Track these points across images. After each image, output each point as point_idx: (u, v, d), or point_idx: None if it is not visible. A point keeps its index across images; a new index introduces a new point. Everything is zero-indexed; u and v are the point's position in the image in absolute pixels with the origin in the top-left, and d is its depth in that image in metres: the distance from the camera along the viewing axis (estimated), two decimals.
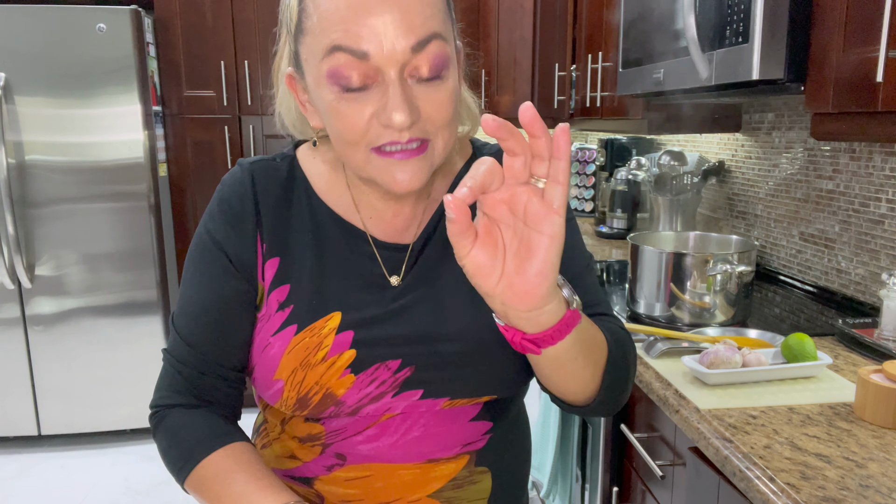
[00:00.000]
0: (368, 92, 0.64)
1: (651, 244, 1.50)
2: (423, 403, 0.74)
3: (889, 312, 1.23)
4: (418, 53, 0.63)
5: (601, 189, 2.70)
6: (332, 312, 0.73)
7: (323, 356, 0.71)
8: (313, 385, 0.72)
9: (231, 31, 2.95)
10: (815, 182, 1.69)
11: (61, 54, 2.60)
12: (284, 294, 0.74)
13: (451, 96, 0.67)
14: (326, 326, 0.72)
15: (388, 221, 0.78)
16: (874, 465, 0.86)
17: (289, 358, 0.72)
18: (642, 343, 1.31)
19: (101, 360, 2.82)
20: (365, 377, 0.72)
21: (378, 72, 0.63)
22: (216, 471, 0.72)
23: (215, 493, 0.71)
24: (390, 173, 0.67)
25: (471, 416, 0.77)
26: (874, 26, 1.01)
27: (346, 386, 0.72)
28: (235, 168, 0.79)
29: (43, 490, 2.56)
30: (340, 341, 0.72)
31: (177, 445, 0.75)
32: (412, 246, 0.77)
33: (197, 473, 0.73)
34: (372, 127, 0.65)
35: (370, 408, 0.73)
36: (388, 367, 0.72)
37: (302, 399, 0.72)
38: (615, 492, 1.40)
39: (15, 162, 2.63)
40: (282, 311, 0.74)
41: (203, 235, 0.77)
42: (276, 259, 0.75)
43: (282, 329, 0.73)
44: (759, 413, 1.02)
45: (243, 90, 2.98)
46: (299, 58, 0.70)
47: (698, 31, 1.34)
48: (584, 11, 2.43)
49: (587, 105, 2.37)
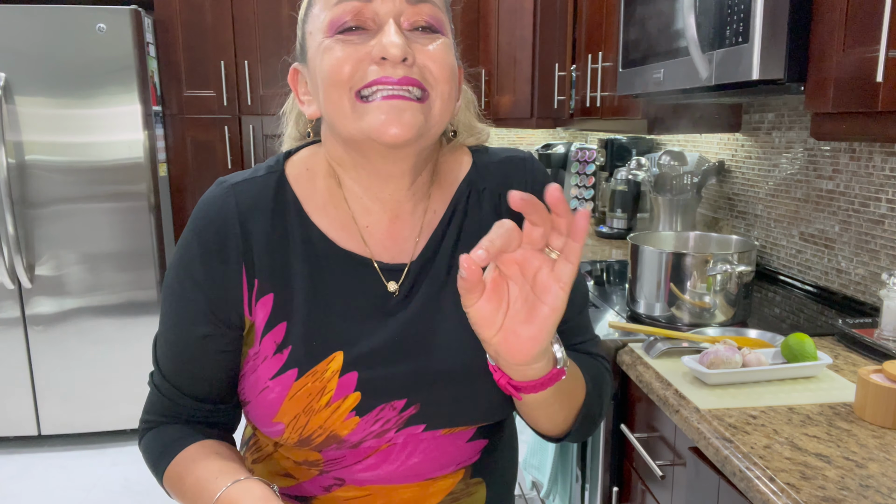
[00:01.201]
0: (363, 35, 0.66)
1: (651, 244, 1.50)
2: (424, 435, 0.74)
3: (889, 312, 1.23)
4: (413, 6, 0.66)
5: (601, 189, 2.70)
6: (334, 353, 0.69)
7: (327, 401, 0.68)
8: (317, 428, 0.69)
9: (231, 31, 2.95)
10: (815, 182, 1.69)
11: (61, 54, 2.60)
12: (281, 335, 0.69)
13: (447, 52, 0.67)
14: (329, 369, 0.68)
15: (385, 229, 0.74)
16: (874, 465, 0.86)
17: (290, 403, 0.68)
18: (642, 343, 1.31)
19: (101, 360, 2.82)
20: (370, 418, 0.70)
21: (375, 16, 0.65)
22: (185, 462, 0.71)
23: (184, 482, 0.70)
24: (377, 119, 0.63)
25: (468, 438, 0.77)
26: (874, 26, 1.01)
27: (350, 427, 0.69)
28: (215, 189, 0.71)
29: (43, 490, 2.56)
30: (345, 384, 0.68)
31: (156, 451, 0.74)
32: (409, 266, 0.73)
33: (170, 470, 0.72)
34: (362, 67, 0.65)
35: (371, 442, 0.72)
36: (393, 407, 0.70)
37: (304, 440, 0.70)
38: (615, 492, 1.40)
39: (15, 162, 2.63)
40: (280, 354, 0.69)
41: (179, 271, 0.71)
42: (270, 295, 0.69)
43: (281, 373, 0.69)
44: (759, 413, 1.02)
45: (243, 90, 2.98)
46: (305, 42, 0.71)
47: (698, 31, 1.34)
48: (584, 11, 2.43)
49: (587, 105, 2.37)
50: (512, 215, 0.75)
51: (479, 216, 0.76)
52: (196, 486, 0.68)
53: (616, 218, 2.51)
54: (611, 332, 1.38)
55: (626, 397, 1.37)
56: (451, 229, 0.75)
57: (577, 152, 3.05)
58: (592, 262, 2.13)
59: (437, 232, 0.75)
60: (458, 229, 0.75)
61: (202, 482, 0.67)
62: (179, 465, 0.72)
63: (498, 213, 0.77)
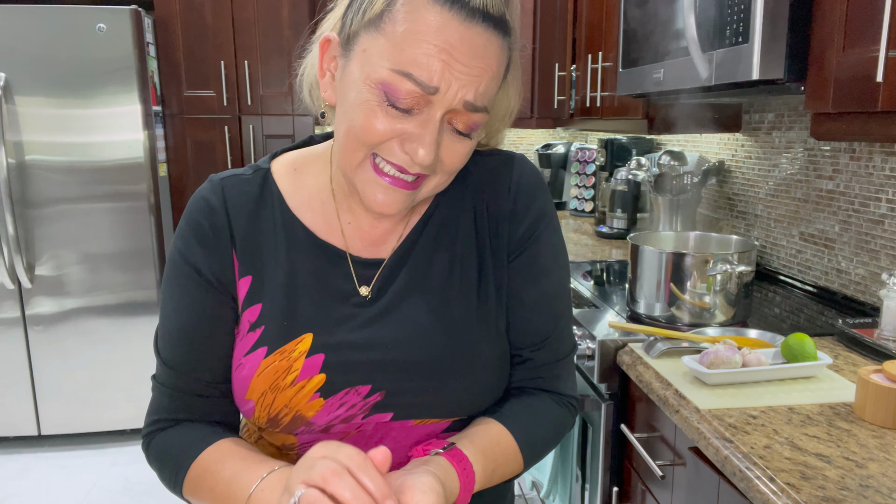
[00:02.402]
0: (408, 115, 0.65)
1: (651, 244, 1.50)
2: (394, 424, 0.74)
3: (889, 312, 1.23)
4: (467, 112, 0.66)
5: (601, 189, 2.70)
6: (304, 334, 0.73)
7: (292, 380, 0.71)
8: (283, 407, 0.72)
9: (231, 31, 2.95)
10: (815, 182, 1.69)
11: (61, 54, 2.60)
12: (255, 314, 0.74)
13: (469, 152, 0.70)
14: (297, 349, 0.72)
15: (366, 230, 0.77)
16: (874, 465, 0.86)
17: (258, 380, 0.72)
18: (642, 343, 1.31)
19: (101, 360, 2.82)
20: (334, 401, 0.72)
21: (428, 105, 0.64)
22: (205, 466, 0.72)
23: (209, 487, 0.71)
24: (374, 191, 0.68)
25: (443, 429, 0.77)
26: (874, 26, 1.01)
27: (315, 409, 0.72)
28: (206, 184, 0.77)
29: (43, 490, 2.56)
30: (310, 365, 0.72)
31: (167, 462, 0.75)
32: (386, 261, 0.77)
33: (189, 477, 0.73)
34: (391, 139, 0.66)
35: (340, 427, 0.74)
36: (357, 392, 0.72)
37: (272, 419, 0.73)
38: (615, 492, 1.40)
39: (15, 162, 2.63)
40: (253, 332, 0.73)
41: (175, 257, 0.75)
42: (249, 277, 0.74)
43: (252, 350, 0.73)
44: (759, 413, 1.02)
45: (243, 90, 2.98)
46: (354, 42, 0.67)
47: (698, 30, 1.34)
48: (584, 11, 2.43)
49: (587, 105, 2.37)
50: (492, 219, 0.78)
51: (459, 210, 0.79)
52: (229, 484, 0.68)
53: (616, 218, 2.51)
54: (611, 332, 1.38)
55: (626, 397, 1.37)
56: (431, 225, 0.78)
57: (577, 152, 3.04)
58: (592, 262, 2.13)
59: (418, 227, 0.78)
60: (438, 224, 0.78)
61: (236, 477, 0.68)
62: (197, 468, 0.72)
63: (479, 214, 0.79)
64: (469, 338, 0.75)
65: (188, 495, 0.74)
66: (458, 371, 0.74)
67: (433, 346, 0.73)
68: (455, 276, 0.76)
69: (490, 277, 0.77)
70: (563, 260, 0.82)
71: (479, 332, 0.75)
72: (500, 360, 0.77)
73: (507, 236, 0.78)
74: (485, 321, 0.76)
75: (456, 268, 0.76)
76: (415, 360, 0.73)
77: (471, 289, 0.76)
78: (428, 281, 0.76)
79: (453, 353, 0.73)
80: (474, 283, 0.77)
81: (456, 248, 0.77)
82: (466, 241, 0.78)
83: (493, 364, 0.76)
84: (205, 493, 0.71)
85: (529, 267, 0.78)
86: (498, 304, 0.77)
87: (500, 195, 0.79)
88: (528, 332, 0.79)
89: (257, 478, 0.66)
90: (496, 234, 0.78)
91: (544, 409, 0.80)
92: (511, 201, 0.78)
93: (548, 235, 0.79)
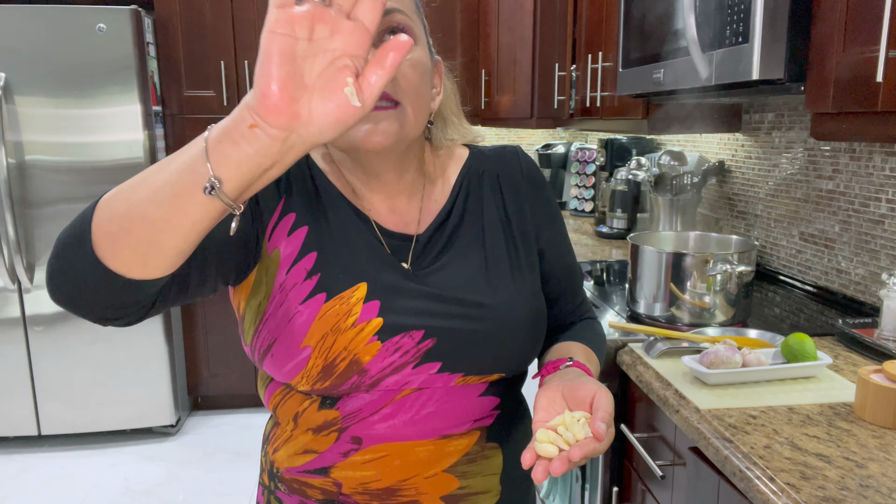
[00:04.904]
0: None
1: (651, 244, 1.50)
2: (440, 378, 0.77)
3: (889, 312, 1.23)
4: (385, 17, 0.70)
5: (601, 189, 2.70)
6: (359, 283, 0.76)
7: (353, 322, 0.74)
8: (342, 350, 0.74)
9: (231, 31, 2.95)
10: (815, 182, 1.69)
11: (61, 54, 2.60)
12: (311, 263, 0.77)
13: (415, 64, 0.73)
14: (354, 296, 0.76)
15: (386, 214, 0.82)
16: (874, 465, 0.86)
17: (319, 324, 0.74)
18: (642, 343, 1.31)
19: (101, 360, 2.82)
20: (390, 345, 0.75)
21: None
22: (122, 183, 0.57)
23: (129, 186, 0.55)
24: (359, 128, 0.71)
25: (479, 392, 0.80)
26: (874, 26, 1.01)
27: (372, 353, 0.74)
28: None
29: (43, 490, 2.56)
30: (368, 309, 0.75)
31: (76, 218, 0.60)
32: (417, 237, 0.82)
33: (102, 200, 0.57)
34: None
35: (390, 380, 0.76)
36: (412, 337, 0.76)
37: (328, 366, 0.74)
38: (615, 492, 1.40)
39: (15, 162, 2.63)
40: (310, 280, 0.76)
41: None
42: (305, 228, 0.78)
43: (311, 297, 0.76)
44: (759, 413, 1.02)
45: (243, 90, 2.98)
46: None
47: (698, 31, 1.34)
48: (584, 11, 2.43)
49: (587, 105, 2.37)
50: (512, 194, 0.86)
51: (480, 194, 0.86)
52: (167, 160, 0.54)
53: (616, 218, 2.51)
54: (611, 332, 1.38)
55: (626, 397, 1.37)
56: (457, 205, 0.85)
57: (577, 152, 3.04)
58: (592, 262, 2.13)
59: (444, 210, 0.84)
60: (463, 205, 0.85)
61: (164, 162, 0.55)
62: (112, 190, 0.57)
63: (498, 192, 0.87)
64: (509, 294, 0.81)
65: (104, 213, 0.56)
66: (504, 324, 0.79)
67: (480, 297, 0.79)
68: (489, 241, 0.84)
69: (518, 242, 0.85)
70: (569, 242, 0.96)
71: (517, 290, 0.82)
72: (538, 316, 0.84)
73: (529, 205, 0.88)
74: (522, 281, 0.83)
75: (488, 234, 0.84)
76: (463, 311, 0.78)
77: (503, 253, 0.84)
78: (467, 247, 0.83)
79: (498, 306, 0.79)
80: (504, 248, 0.84)
81: (484, 219, 0.85)
82: (491, 213, 0.86)
83: (532, 319, 0.82)
84: (126, 194, 0.55)
85: (553, 233, 0.90)
86: (530, 266, 0.85)
87: (513, 175, 0.88)
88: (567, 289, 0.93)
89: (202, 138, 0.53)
90: (518, 208, 0.87)
91: (595, 329, 0.95)
92: (525, 180, 0.89)
93: (557, 210, 0.92)
